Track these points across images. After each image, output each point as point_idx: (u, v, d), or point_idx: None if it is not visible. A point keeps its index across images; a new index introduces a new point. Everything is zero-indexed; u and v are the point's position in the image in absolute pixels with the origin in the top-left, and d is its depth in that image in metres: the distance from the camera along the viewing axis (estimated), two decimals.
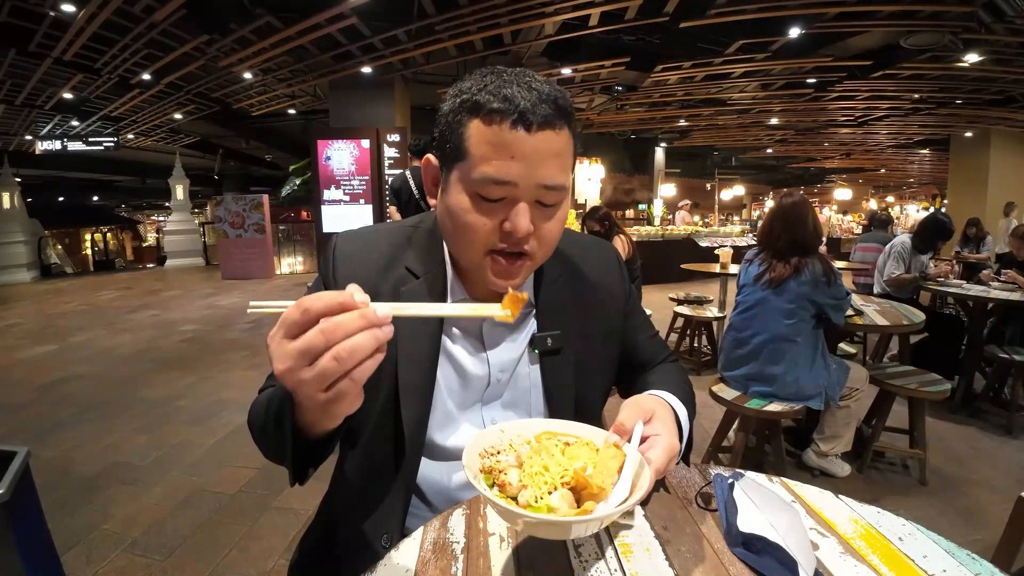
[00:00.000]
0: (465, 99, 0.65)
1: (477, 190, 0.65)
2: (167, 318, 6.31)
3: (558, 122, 0.64)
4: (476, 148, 0.64)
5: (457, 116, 0.66)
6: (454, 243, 0.73)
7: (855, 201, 22.23)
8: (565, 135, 0.66)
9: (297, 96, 9.18)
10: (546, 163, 0.64)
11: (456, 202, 0.67)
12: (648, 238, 9.02)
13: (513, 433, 0.62)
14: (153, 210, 25.06)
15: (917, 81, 7.38)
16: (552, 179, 0.65)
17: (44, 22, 5.59)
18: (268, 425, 0.63)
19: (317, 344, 0.44)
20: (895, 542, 0.63)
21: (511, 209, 0.65)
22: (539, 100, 0.63)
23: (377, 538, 0.76)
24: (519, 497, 0.52)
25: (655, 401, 0.69)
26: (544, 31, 6.09)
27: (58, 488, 2.40)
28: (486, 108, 0.63)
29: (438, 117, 0.70)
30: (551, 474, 0.53)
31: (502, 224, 0.66)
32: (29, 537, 1.27)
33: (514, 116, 0.62)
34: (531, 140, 0.63)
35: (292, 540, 2.02)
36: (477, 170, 0.64)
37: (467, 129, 0.65)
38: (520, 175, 0.63)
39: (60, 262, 12.10)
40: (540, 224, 0.68)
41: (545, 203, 0.67)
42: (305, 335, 0.45)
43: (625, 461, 0.57)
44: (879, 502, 2.25)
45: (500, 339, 0.80)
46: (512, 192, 0.65)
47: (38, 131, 10.91)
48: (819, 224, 2.28)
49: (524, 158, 0.63)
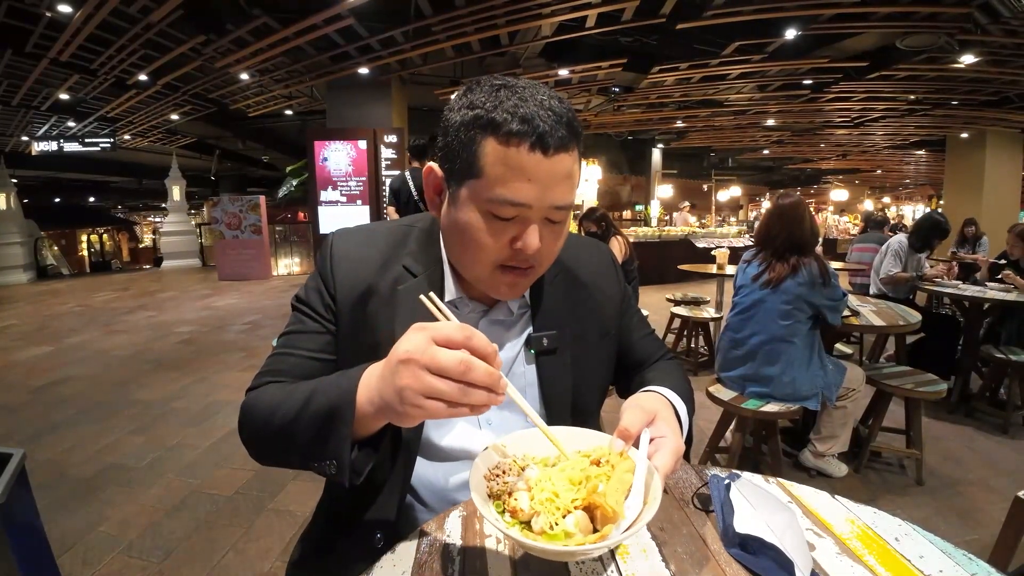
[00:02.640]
0: (479, 115, 0.63)
1: (490, 209, 0.65)
2: (163, 319, 6.29)
3: (572, 144, 0.65)
4: (492, 168, 0.63)
5: (470, 132, 0.64)
6: (461, 256, 0.74)
7: (852, 202, 22.30)
8: (575, 155, 0.67)
9: (294, 97, 9.16)
10: (559, 185, 0.65)
11: (467, 219, 0.67)
12: (645, 239, 9.03)
13: (516, 449, 0.61)
14: (150, 211, 24.98)
15: (913, 82, 7.40)
16: (564, 200, 0.66)
17: (40, 22, 5.56)
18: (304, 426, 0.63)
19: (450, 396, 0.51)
20: (891, 542, 0.63)
21: (521, 227, 0.66)
22: (556, 122, 0.63)
23: (371, 536, 0.76)
24: (532, 523, 0.52)
25: (657, 400, 0.69)
26: (541, 32, 6.09)
27: (54, 490, 2.39)
28: (504, 129, 0.62)
29: (444, 127, 0.68)
30: (562, 499, 0.53)
31: (512, 242, 0.67)
32: (25, 540, 1.26)
33: (533, 139, 0.61)
34: (547, 163, 0.63)
35: (289, 542, 2.01)
36: (493, 191, 0.64)
37: (482, 148, 0.64)
38: (535, 197, 0.64)
39: (56, 263, 12.06)
40: (547, 240, 0.69)
41: (553, 220, 0.69)
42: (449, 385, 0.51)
43: (635, 470, 0.56)
44: (876, 502, 2.25)
45: (496, 339, 0.80)
46: (525, 212, 0.65)
47: (34, 132, 10.87)
48: (816, 225, 2.29)
49: (539, 181, 0.63)
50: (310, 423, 0.62)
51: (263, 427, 0.69)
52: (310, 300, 0.81)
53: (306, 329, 0.80)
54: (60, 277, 11.10)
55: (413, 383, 0.51)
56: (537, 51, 6.87)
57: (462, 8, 5.26)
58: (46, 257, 11.57)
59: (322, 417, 0.60)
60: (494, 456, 0.60)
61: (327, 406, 0.60)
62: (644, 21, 5.59)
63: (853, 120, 10.40)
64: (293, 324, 0.81)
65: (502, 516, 0.53)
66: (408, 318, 0.75)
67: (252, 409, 0.72)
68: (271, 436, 0.69)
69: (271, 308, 6.86)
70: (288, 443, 0.66)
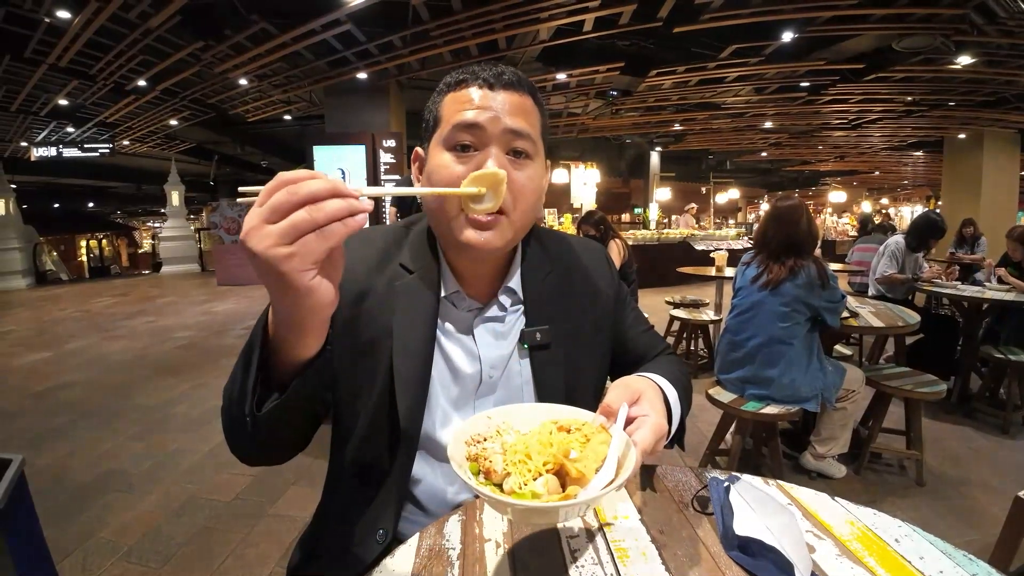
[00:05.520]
0: (442, 88, 0.75)
1: (450, 141, 0.71)
2: (162, 324, 6.29)
3: (520, 88, 0.72)
4: (447, 110, 0.72)
5: (435, 99, 0.75)
6: (435, 209, 0.73)
7: (850, 203, 22.33)
8: (529, 103, 0.73)
9: (292, 102, 9.17)
10: (511, 113, 0.70)
11: (434, 163, 0.72)
12: (644, 242, 9.04)
13: (500, 420, 0.62)
14: (149, 216, 24.97)
15: (910, 84, 7.42)
16: (518, 125, 0.70)
17: (39, 28, 5.57)
18: (236, 372, 0.60)
19: (302, 225, 0.44)
20: (891, 544, 0.63)
21: (483, 157, 0.70)
22: (501, 73, 0.72)
23: (372, 535, 0.76)
24: (504, 484, 0.53)
25: (643, 382, 0.67)
26: (539, 37, 6.10)
27: (53, 496, 2.39)
28: (455, 80, 0.73)
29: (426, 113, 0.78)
30: (533, 461, 0.53)
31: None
32: (24, 546, 1.26)
33: (479, 80, 0.71)
34: (494, 94, 0.71)
35: (288, 547, 2.01)
36: (450, 122, 0.70)
37: (441, 102, 0.74)
38: (486, 119, 0.69)
39: (55, 269, 12.07)
40: (514, 176, 0.71)
41: (516, 150, 0.71)
42: (291, 216, 0.44)
43: (611, 443, 0.56)
44: (876, 503, 2.26)
45: (491, 336, 0.81)
46: (481, 136, 0.70)
47: (33, 137, 10.87)
48: (814, 226, 2.30)
49: (487, 107, 0.70)
50: (238, 369, 0.60)
51: (225, 412, 0.65)
52: None
53: None
54: (59, 282, 11.10)
55: (259, 244, 0.44)
56: (535, 55, 6.88)
57: (460, 13, 5.27)
58: (45, 263, 11.58)
59: (244, 355, 0.59)
60: (479, 424, 0.61)
61: (247, 346, 0.59)
62: (641, 25, 5.61)
63: (850, 122, 10.42)
64: None
65: (476, 476, 0.54)
66: (405, 313, 0.77)
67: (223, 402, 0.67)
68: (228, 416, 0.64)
69: None
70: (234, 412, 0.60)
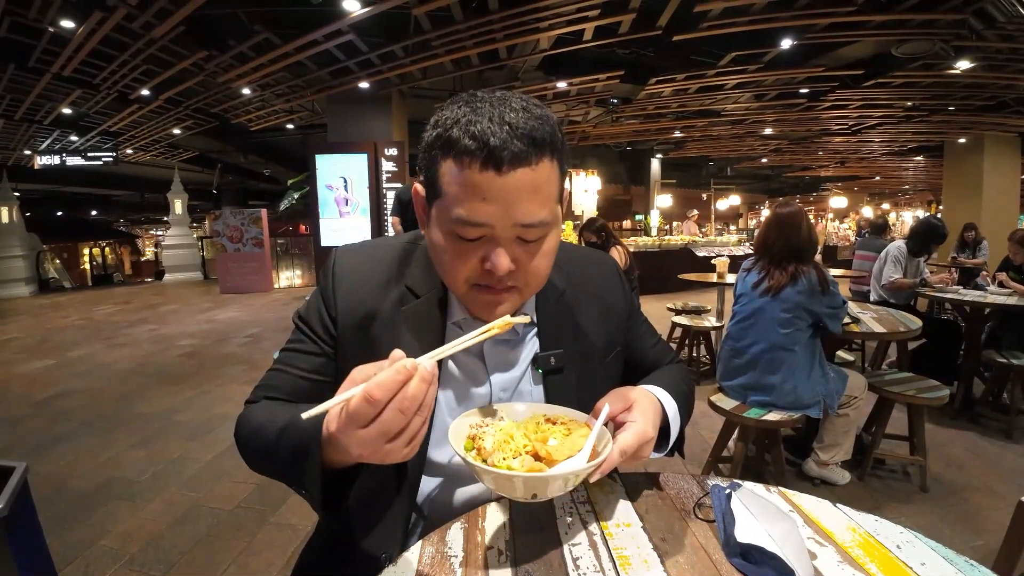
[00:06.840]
0: (439, 134, 0.62)
1: (454, 230, 0.64)
2: (165, 332, 6.30)
3: (533, 157, 0.60)
4: (449, 188, 0.62)
5: (432, 152, 0.64)
6: (442, 276, 0.73)
7: (851, 209, 22.33)
8: (544, 168, 0.62)
9: (295, 111, 9.24)
10: (522, 202, 0.61)
11: (436, 239, 0.67)
12: (645, 248, 9.04)
13: (505, 411, 0.72)
14: (151, 224, 25.06)
15: (909, 89, 7.44)
16: (530, 217, 0.62)
17: (43, 37, 5.62)
18: (281, 456, 0.65)
19: (398, 425, 0.50)
20: (893, 550, 0.63)
21: (489, 247, 0.64)
22: (511, 136, 0.59)
23: (377, 556, 0.76)
24: (490, 460, 0.61)
25: (639, 392, 0.71)
26: (539, 46, 6.14)
27: (56, 503, 2.39)
28: (456, 147, 0.60)
29: (420, 147, 0.67)
30: (515, 442, 0.63)
31: (482, 262, 0.65)
32: (27, 553, 1.26)
33: (483, 156, 0.59)
34: (501, 181, 0.60)
35: (291, 556, 2.00)
36: (453, 211, 0.62)
37: (441, 168, 0.63)
38: (495, 216, 0.61)
39: (58, 276, 12.10)
40: (524, 261, 0.66)
41: (527, 239, 0.65)
42: (382, 419, 0.50)
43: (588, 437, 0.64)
44: (880, 510, 2.25)
45: (502, 359, 0.80)
46: (489, 232, 0.63)
47: (37, 146, 10.94)
48: (814, 232, 2.30)
49: (497, 199, 0.60)
50: (285, 455, 0.64)
51: (248, 445, 0.75)
52: (310, 320, 0.81)
53: (303, 349, 0.80)
54: (62, 290, 11.12)
55: (393, 457, 0.53)
56: (535, 64, 6.93)
57: (460, 23, 5.32)
58: (48, 270, 11.62)
59: (292, 451, 0.62)
60: (486, 412, 0.71)
61: (297, 440, 0.62)
62: (641, 34, 5.64)
63: (850, 128, 10.45)
64: (293, 341, 0.82)
65: (469, 453, 0.63)
66: (411, 339, 0.75)
67: (241, 426, 0.76)
68: (255, 456, 0.75)
69: (272, 321, 6.87)
70: (271, 468, 0.71)
